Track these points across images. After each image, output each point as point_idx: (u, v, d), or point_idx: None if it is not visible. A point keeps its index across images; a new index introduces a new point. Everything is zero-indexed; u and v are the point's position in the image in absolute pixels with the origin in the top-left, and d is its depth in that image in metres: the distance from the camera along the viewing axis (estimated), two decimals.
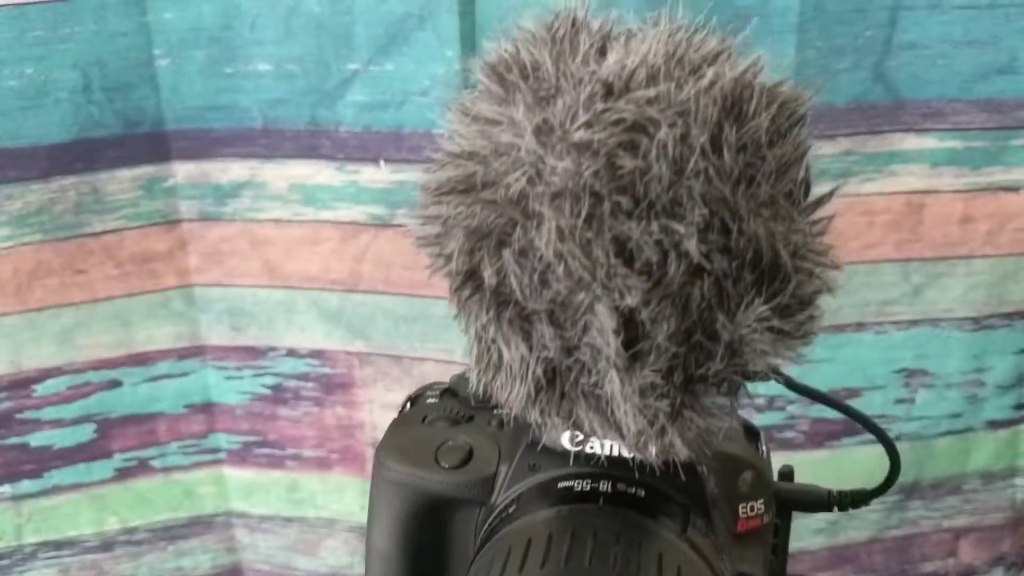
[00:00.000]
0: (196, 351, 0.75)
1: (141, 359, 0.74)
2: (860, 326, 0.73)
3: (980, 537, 0.81)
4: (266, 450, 0.77)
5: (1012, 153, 0.70)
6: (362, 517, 0.77)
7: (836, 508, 0.42)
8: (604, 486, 0.35)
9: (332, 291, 0.72)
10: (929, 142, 0.69)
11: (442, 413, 0.41)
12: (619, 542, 0.32)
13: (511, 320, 0.31)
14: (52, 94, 0.66)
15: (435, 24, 0.64)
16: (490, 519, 0.37)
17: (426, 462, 0.38)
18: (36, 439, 0.73)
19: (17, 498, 0.74)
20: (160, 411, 0.75)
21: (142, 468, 0.76)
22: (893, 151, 0.69)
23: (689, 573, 0.33)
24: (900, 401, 0.75)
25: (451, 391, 0.43)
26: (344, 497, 0.77)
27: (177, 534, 0.78)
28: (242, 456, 0.77)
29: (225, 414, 0.76)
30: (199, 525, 0.79)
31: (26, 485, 0.74)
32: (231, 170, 0.70)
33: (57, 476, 0.74)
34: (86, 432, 0.74)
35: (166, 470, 0.77)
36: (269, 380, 0.75)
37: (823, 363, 0.72)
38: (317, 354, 0.74)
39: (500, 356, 0.31)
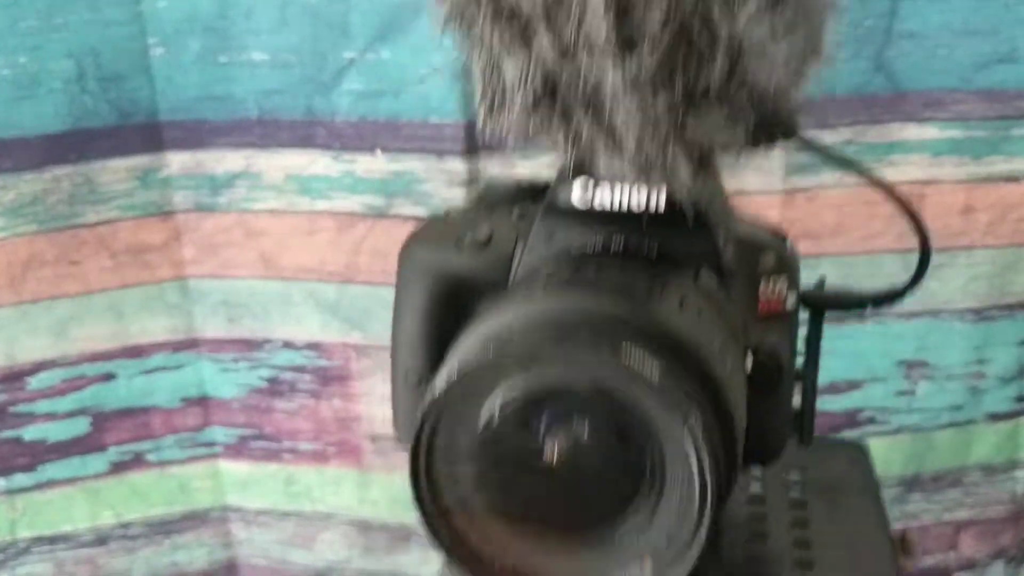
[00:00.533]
0: (191, 343, 0.74)
1: (136, 352, 0.73)
2: (861, 318, 0.72)
3: (981, 530, 0.81)
4: (262, 443, 0.77)
5: (1013, 143, 0.70)
6: (360, 511, 0.77)
7: (870, 305, 0.43)
8: (616, 243, 0.36)
9: (329, 282, 0.71)
10: (930, 132, 0.69)
11: (466, 213, 0.43)
12: (638, 282, 0.34)
13: (512, 33, 0.32)
14: (46, 84, 0.66)
15: (432, 12, 0.64)
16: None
17: (449, 247, 0.40)
18: (30, 432, 0.73)
19: (11, 492, 0.74)
20: (155, 404, 0.75)
21: (137, 462, 0.76)
22: (894, 141, 0.68)
23: (708, 318, 0.34)
24: (901, 393, 0.75)
25: (476, 200, 0.44)
26: (341, 490, 0.77)
27: (173, 528, 0.78)
28: (238, 449, 0.77)
29: (221, 407, 0.76)
30: (195, 519, 0.78)
31: (20, 479, 0.74)
32: (226, 160, 0.70)
33: (51, 470, 0.74)
34: (80, 425, 0.74)
35: (161, 464, 0.76)
36: (265, 372, 0.75)
37: (824, 355, 0.71)
38: (314, 346, 0.73)
39: (501, 74, 0.33)
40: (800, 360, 0.41)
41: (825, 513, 0.46)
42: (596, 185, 0.36)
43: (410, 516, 0.81)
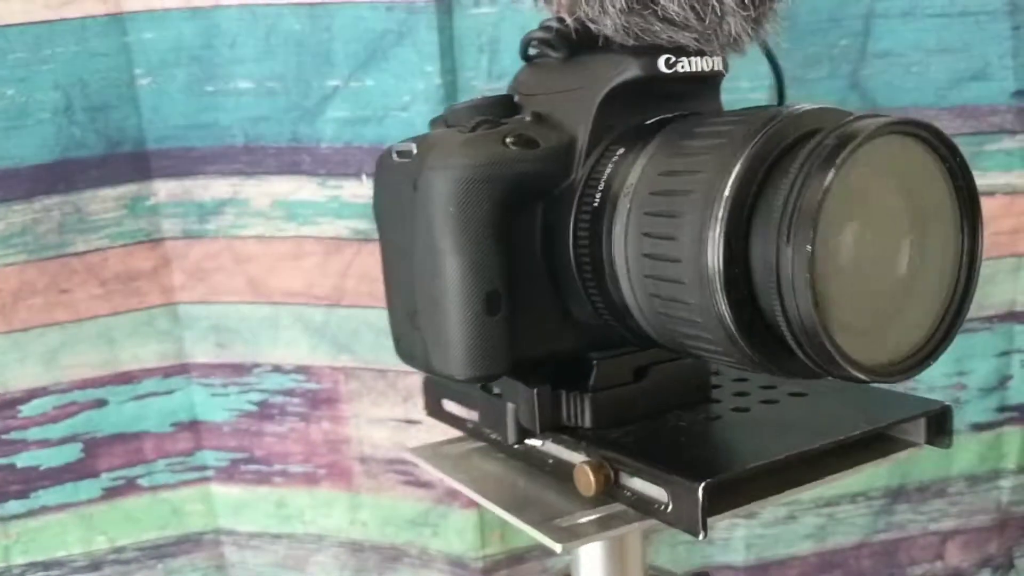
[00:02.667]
0: (181, 369, 0.75)
1: (126, 378, 0.74)
2: None
3: (967, 539, 0.82)
4: (253, 467, 0.77)
5: (987, 158, 0.71)
6: (351, 532, 0.78)
7: None
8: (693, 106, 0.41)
9: (316, 306, 0.72)
10: None
11: (483, 121, 0.41)
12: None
13: None
14: (34, 115, 0.67)
15: (414, 40, 0.65)
16: (587, 178, 0.39)
17: (497, 149, 0.39)
18: (23, 459, 0.73)
19: (4, 519, 0.74)
20: (146, 430, 0.75)
21: (130, 487, 0.76)
22: None
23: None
24: None
25: (453, 120, 0.44)
26: (332, 512, 0.77)
27: (166, 552, 0.78)
28: (229, 473, 0.77)
29: (211, 431, 0.76)
30: (187, 543, 0.79)
31: (13, 506, 0.74)
32: (213, 187, 0.70)
33: (44, 496, 0.74)
34: (73, 452, 0.74)
35: (153, 488, 0.77)
36: (255, 396, 0.75)
37: None
38: (302, 369, 0.74)
39: None
40: None
41: None
42: (677, 55, 0.39)
43: (401, 537, 0.82)
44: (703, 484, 0.35)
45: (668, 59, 0.39)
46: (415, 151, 0.41)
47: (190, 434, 0.76)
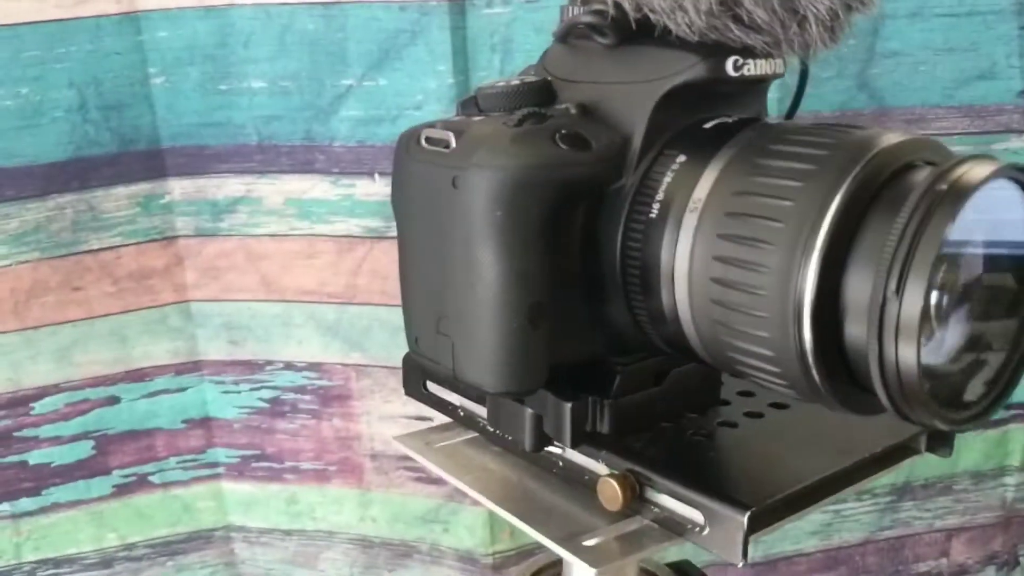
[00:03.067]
0: (194, 366, 0.75)
1: (139, 375, 0.74)
2: None
3: (971, 536, 0.82)
4: (264, 464, 0.77)
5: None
6: (361, 528, 0.78)
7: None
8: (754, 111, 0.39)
9: (329, 304, 0.72)
10: None
11: (530, 114, 0.38)
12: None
13: None
14: (48, 113, 0.67)
15: (427, 39, 0.65)
16: (641, 184, 0.37)
17: (547, 149, 0.36)
18: (35, 457, 0.73)
19: (16, 516, 0.74)
20: (158, 427, 0.76)
21: (141, 484, 0.77)
22: None
23: None
24: None
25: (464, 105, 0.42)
26: (343, 509, 0.78)
27: (176, 549, 0.79)
28: (240, 470, 0.78)
29: (223, 428, 0.77)
30: (198, 540, 0.79)
31: (25, 503, 0.74)
32: (227, 186, 0.71)
33: (56, 493, 0.75)
34: (85, 449, 0.74)
35: (165, 485, 0.77)
36: (267, 394, 0.76)
37: None
38: (314, 367, 0.74)
39: None
40: None
41: None
42: (744, 56, 0.37)
43: (411, 533, 0.82)
44: (748, 514, 0.34)
45: (736, 61, 0.37)
46: (453, 143, 0.37)
47: (201, 431, 0.77)
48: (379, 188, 0.69)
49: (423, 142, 0.39)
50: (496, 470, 0.44)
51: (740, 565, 0.35)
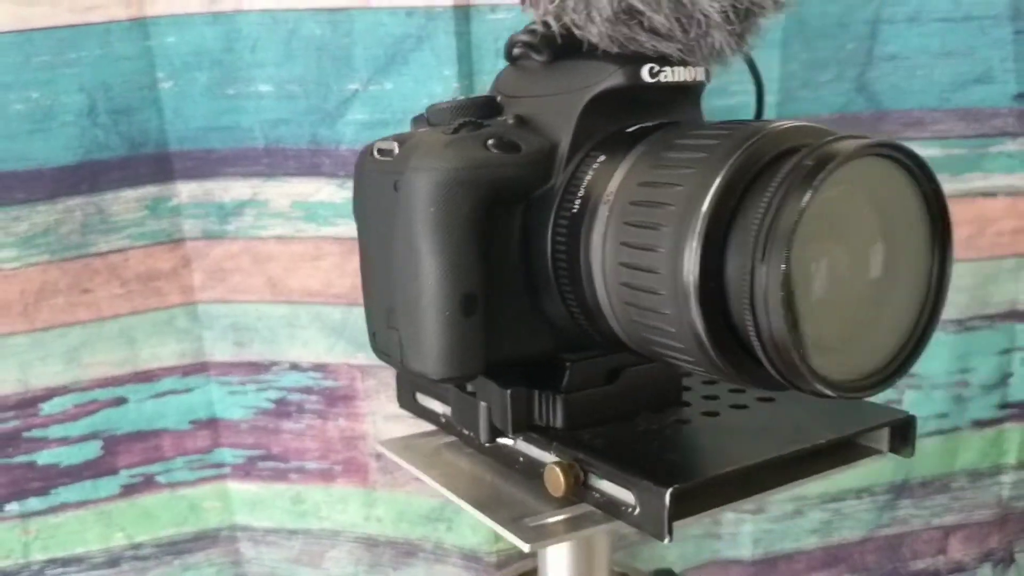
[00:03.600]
0: (200, 367, 0.76)
1: (146, 376, 0.75)
2: None
3: (968, 534, 0.83)
4: (270, 463, 0.78)
5: (990, 160, 0.73)
6: (366, 528, 0.79)
7: None
8: (675, 115, 0.41)
9: (334, 305, 0.73)
10: None
11: (466, 123, 0.41)
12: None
13: None
14: (58, 117, 0.68)
15: (433, 44, 0.66)
16: (568, 184, 0.40)
17: (479, 152, 0.39)
18: (43, 457, 0.74)
19: (24, 516, 0.75)
20: (165, 427, 0.76)
21: (148, 484, 0.77)
22: None
23: None
24: (888, 402, 0.76)
25: (430, 120, 0.44)
26: (348, 508, 0.79)
27: (183, 549, 0.79)
28: (246, 470, 0.78)
29: (229, 429, 0.77)
30: (204, 539, 0.80)
31: (33, 503, 0.75)
32: (234, 189, 0.71)
33: (64, 493, 0.75)
34: (92, 449, 0.75)
35: (171, 485, 0.78)
36: (273, 394, 0.76)
37: None
38: (320, 367, 0.75)
39: None
40: None
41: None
42: (660, 64, 0.40)
43: (416, 532, 0.83)
44: (671, 490, 0.36)
45: (652, 68, 0.40)
46: (396, 151, 0.41)
47: (208, 432, 0.77)
48: None
49: (375, 153, 0.43)
50: (465, 468, 0.47)
51: (665, 541, 0.36)
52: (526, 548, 0.39)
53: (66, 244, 0.70)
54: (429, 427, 0.51)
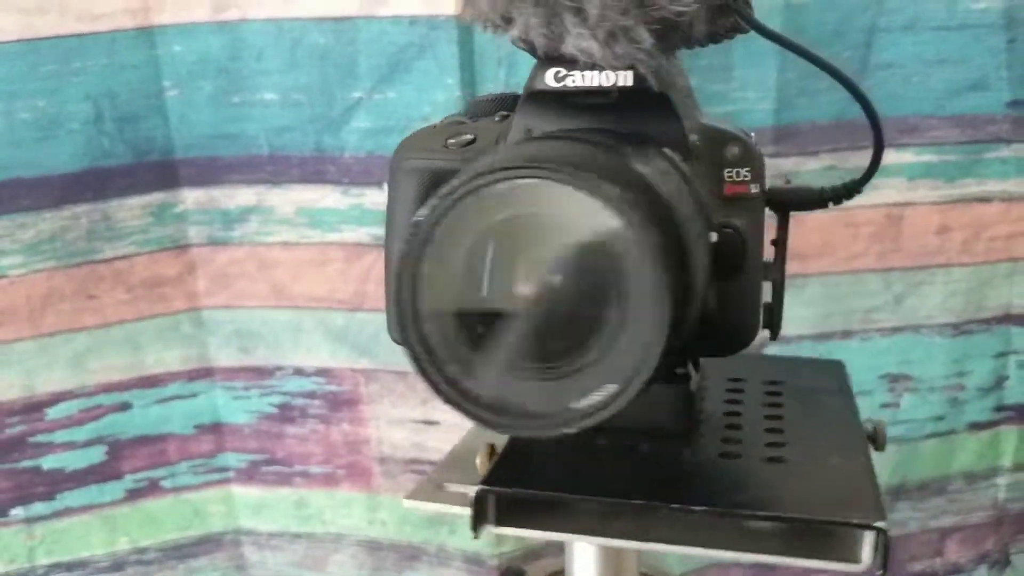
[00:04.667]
0: (205, 372, 0.76)
1: (151, 381, 0.75)
2: (846, 334, 0.75)
3: (965, 536, 0.84)
4: (274, 468, 0.79)
5: (984, 166, 0.73)
6: (369, 531, 0.79)
7: (831, 203, 0.43)
8: (587, 123, 0.39)
9: (338, 311, 0.74)
10: (906, 157, 0.72)
11: (452, 122, 0.44)
12: (608, 140, 0.36)
13: None
14: (64, 125, 0.68)
15: (435, 53, 0.67)
16: None
17: (436, 147, 0.42)
18: (48, 462, 0.75)
19: (30, 520, 0.75)
20: (170, 432, 0.77)
21: (152, 488, 0.78)
22: None
23: (674, 179, 0.36)
24: (885, 405, 0.77)
25: (464, 111, 0.46)
26: (351, 512, 0.79)
27: (187, 552, 0.80)
28: (250, 474, 0.79)
29: (234, 433, 0.78)
30: (208, 543, 0.80)
31: (38, 507, 0.75)
32: (239, 196, 0.72)
33: (69, 498, 0.76)
34: (97, 454, 0.76)
35: (176, 490, 0.78)
36: (276, 399, 0.77)
37: None
38: (323, 372, 0.76)
39: None
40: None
41: (800, 412, 0.46)
42: (569, 68, 0.38)
43: (419, 536, 0.83)
44: (476, 490, 0.38)
45: (557, 73, 0.39)
46: None
47: (212, 436, 0.78)
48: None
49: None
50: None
51: (472, 537, 0.38)
52: (407, 504, 0.41)
53: (72, 250, 0.71)
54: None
